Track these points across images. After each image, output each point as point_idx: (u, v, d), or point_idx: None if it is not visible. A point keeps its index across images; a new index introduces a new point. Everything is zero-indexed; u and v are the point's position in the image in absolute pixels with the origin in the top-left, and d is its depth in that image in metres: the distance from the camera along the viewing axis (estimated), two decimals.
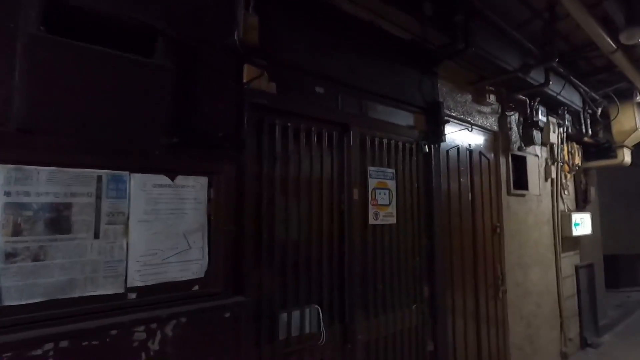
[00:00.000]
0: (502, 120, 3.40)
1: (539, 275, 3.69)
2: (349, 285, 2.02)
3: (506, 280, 3.21)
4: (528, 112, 3.47)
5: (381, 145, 2.30)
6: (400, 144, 2.41)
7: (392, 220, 2.27)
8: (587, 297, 4.65)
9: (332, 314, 1.96)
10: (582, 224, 4.30)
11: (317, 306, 1.86)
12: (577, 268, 4.44)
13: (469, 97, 3.06)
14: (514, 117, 3.51)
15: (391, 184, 2.30)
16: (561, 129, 4.15)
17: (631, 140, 4.44)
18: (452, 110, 2.84)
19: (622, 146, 4.43)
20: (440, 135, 2.60)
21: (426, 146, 2.57)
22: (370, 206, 2.14)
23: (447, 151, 2.79)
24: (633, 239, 7.19)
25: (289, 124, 1.87)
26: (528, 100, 3.46)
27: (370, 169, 2.18)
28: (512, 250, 3.35)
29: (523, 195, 3.59)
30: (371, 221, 2.14)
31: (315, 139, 1.97)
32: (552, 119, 3.97)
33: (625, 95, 4.12)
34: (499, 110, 3.38)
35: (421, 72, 2.58)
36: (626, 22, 2.40)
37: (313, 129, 1.96)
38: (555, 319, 3.86)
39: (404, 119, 2.47)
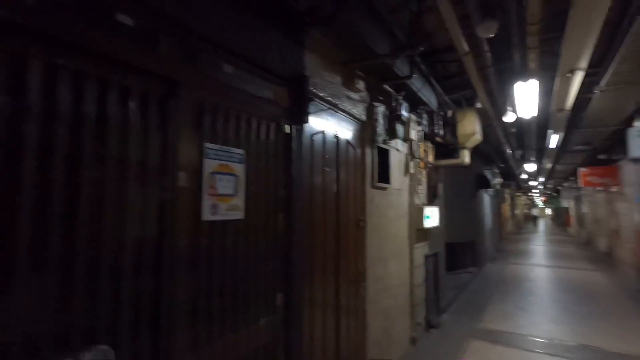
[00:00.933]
0: (370, 111, 3.28)
1: (397, 267, 3.77)
2: (168, 307, 1.42)
3: (367, 275, 3.11)
4: (394, 104, 3.44)
5: (227, 117, 1.76)
6: (254, 119, 1.92)
7: (239, 214, 1.77)
8: (432, 283, 5.11)
9: (137, 353, 1.34)
10: (432, 217, 4.67)
11: (104, 348, 1.22)
12: (426, 257, 4.81)
13: (339, 79, 2.79)
14: (381, 109, 3.44)
15: (239, 169, 1.79)
16: (420, 127, 4.37)
17: (471, 143, 5.04)
18: (320, 90, 2.51)
19: (464, 148, 5.00)
20: (304, 115, 2.22)
21: (288, 126, 2.15)
22: (205, 197, 1.59)
23: (312, 136, 2.44)
24: (465, 229, 8.55)
25: (61, 61, 1.15)
26: (394, 93, 3.43)
27: (208, 146, 1.62)
28: (373, 244, 3.28)
29: (385, 189, 3.58)
30: (206, 216, 1.59)
31: (116, 95, 1.30)
32: (413, 116, 4.13)
33: (470, 102, 4.61)
34: (368, 99, 3.25)
35: (286, 35, 2.15)
36: (483, 15, 2.47)
37: (112, 77, 1.29)
38: (408, 308, 4.04)
39: (261, 89, 1.99)
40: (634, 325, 4.94)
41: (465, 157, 5.08)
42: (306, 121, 2.23)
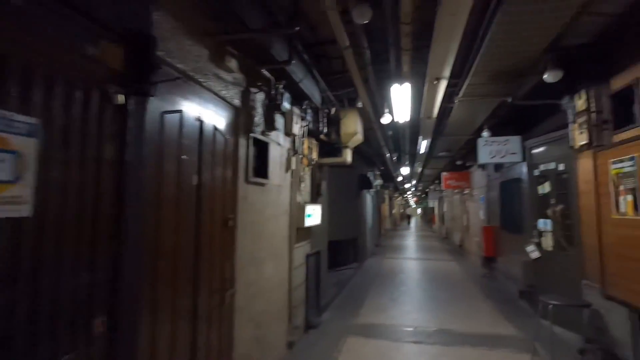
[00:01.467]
0: (246, 97, 2.94)
1: (274, 269, 3.51)
2: None
3: (237, 281, 2.75)
4: (273, 92, 3.18)
5: (7, 69, 1.20)
6: (61, 79, 1.38)
7: (20, 210, 1.22)
8: (313, 282, 5.05)
9: None
10: (314, 215, 4.58)
11: None
12: (308, 256, 4.70)
13: (206, 52, 2.37)
14: (259, 97, 3.14)
15: (25, 145, 1.24)
16: (304, 123, 4.22)
17: (353, 142, 5.16)
18: (177, 60, 2.05)
19: (346, 147, 5.07)
20: (148, 85, 1.74)
21: (122, 97, 1.65)
22: None
23: (163, 114, 1.97)
24: (348, 227, 8.92)
25: None
26: (273, 80, 3.17)
27: None
28: (246, 245, 2.94)
29: (263, 185, 3.29)
30: None
31: None
32: (296, 110, 3.94)
33: (352, 101, 4.68)
34: (244, 83, 2.90)
35: None
36: (357, 1, 2.38)
37: None
38: (285, 311, 3.83)
39: (74, 36, 1.45)
40: (479, 305, 5.76)
41: (348, 156, 5.18)
42: (150, 93, 1.76)
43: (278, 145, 3.62)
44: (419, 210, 50.83)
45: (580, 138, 3.83)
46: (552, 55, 3.48)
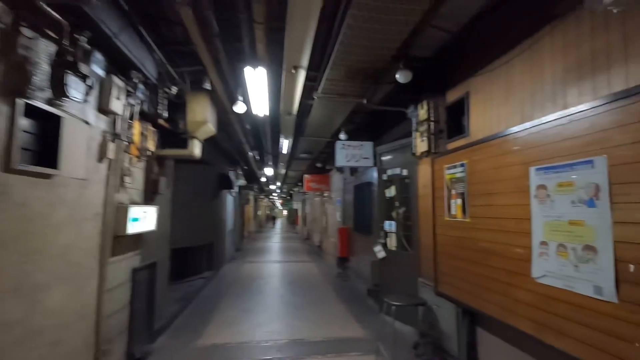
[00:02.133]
0: (12, 40, 1.93)
1: (66, 297, 2.49)
2: None
3: None
4: (66, 44, 2.22)
5: None
6: None
7: None
8: (144, 302, 4.06)
9: None
10: (145, 219, 3.64)
11: None
12: (135, 271, 3.71)
13: None
14: (44, 47, 2.13)
15: None
16: (132, 100, 3.28)
17: (202, 133, 4.40)
18: None
19: (194, 137, 4.29)
20: None
21: None
22: None
23: None
24: (203, 231, 7.95)
25: None
26: (67, 27, 2.21)
27: None
28: (6, 269, 1.91)
29: (49, 177, 2.28)
30: None
31: None
32: (119, 81, 2.99)
33: (199, 84, 3.94)
34: (8, 19, 1.89)
35: None
36: None
37: None
38: (89, 350, 2.82)
39: None
40: (332, 308, 5.76)
41: (196, 148, 4.39)
42: None
43: (83, 124, 2.63)
44: (284, 212, 52.11)
45: (421, 145, 4.09)
46: (402, 63, 3.57)
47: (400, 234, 5.05)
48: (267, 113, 4.80)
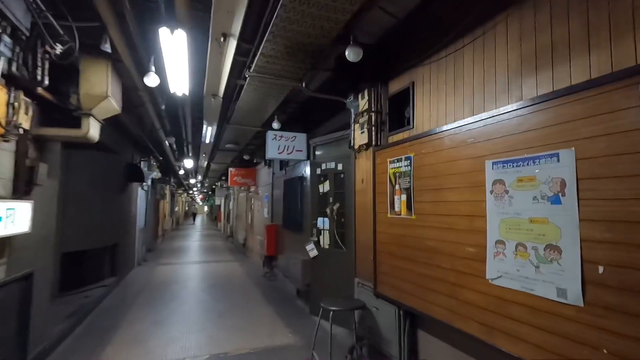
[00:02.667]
0: None
1: None
2: None
3: None
4: None
5: None
6: None
7: None
8: (13, 325, 3.11)
9: None
10: (13, 219, 2.74)
11: None
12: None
13: None
14: None
15: None
16: None
17: (102, 111, 3.52)
18: None
19: (89, 115, 3.40)
20: None
21: None
22: None
23: None
24: (105, 231, 6.72)
25: None
26: None
27: None
28: None
29: None
30: None
31: None
32: None
33: (100, 44, 3.10)
34: None
35: None
36: None
37: None
38: None
39: None
40: (258, 312, 5.27)
41: (92, 129, 3.50)
42: None
43: None
44: (205, 208, 49.34)
45: (360, 138, 3.85)
46: (352, 37, 3.24)
47: (334, 232, 4.79)
48: (188, 92, 4.09)
